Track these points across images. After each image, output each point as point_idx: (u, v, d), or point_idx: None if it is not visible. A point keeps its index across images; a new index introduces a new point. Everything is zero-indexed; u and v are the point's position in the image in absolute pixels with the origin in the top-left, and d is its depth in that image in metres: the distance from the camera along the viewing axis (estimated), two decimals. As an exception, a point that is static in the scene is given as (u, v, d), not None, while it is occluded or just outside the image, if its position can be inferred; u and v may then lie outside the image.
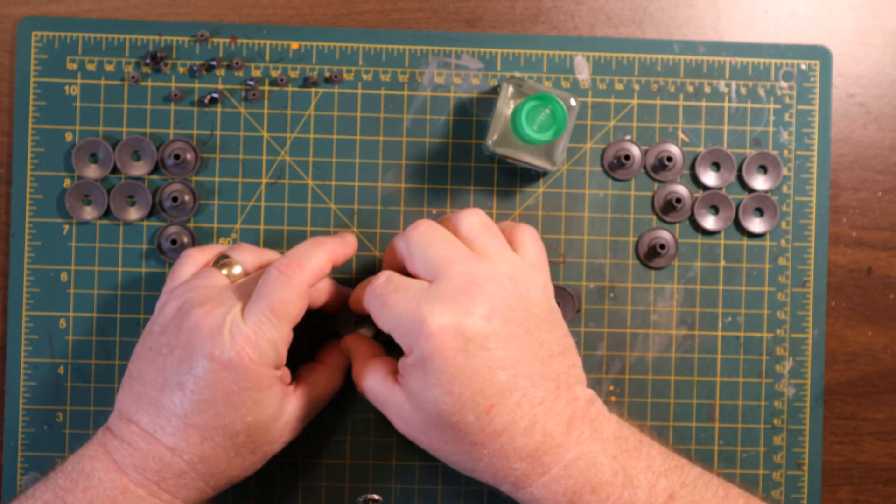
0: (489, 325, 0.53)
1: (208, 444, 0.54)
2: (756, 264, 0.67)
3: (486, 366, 0.53)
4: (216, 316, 0.54)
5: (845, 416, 0.68)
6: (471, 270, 0.55)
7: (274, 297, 0.55)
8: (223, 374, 0.53)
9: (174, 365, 0.54)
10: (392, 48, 0.67)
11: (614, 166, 0.67)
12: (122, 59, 0.66)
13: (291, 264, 0.56)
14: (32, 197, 0.66)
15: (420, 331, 0.53)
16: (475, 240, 0.57)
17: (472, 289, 0.54)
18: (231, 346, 0.53)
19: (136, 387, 0.55)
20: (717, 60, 0.67)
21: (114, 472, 0.54)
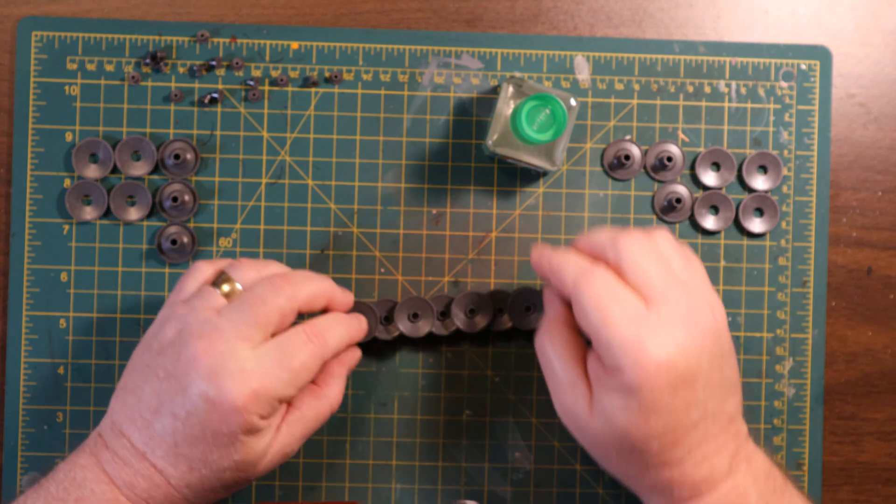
0: (698, 363, 0.53)
1: (195, 474, 0.54)
2: (756, 264, 0.67)
3: (686, 403, 0.53)
4: (215, 355, 0.53)
5: (845, 416, 0.68)
6: (685, 301, 0.54)
7: (298, 358, 0.55)
8: (214, 414, 0.53)
9: (168, 392, 0.54)
10: (392, 48, 0.67)
11: (614, 166, 0.67)
12: (122, 59, 0.66)
13: (319, 336, 0.56)
14: (32, 197, 0.66)
15: (636, 361, 0.52)
16: (671, 261, 0.56)
17: (688, 323, 0.53)
18: (230, 392, 0.53)
19: (130, 400, 0.55)
20: (717, 60, 0.67)
21: (105, 484, 0.54)
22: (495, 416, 0.67)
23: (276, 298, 0.56)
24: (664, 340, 0.52)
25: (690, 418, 0.53)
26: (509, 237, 0.67)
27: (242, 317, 0.55)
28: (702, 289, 0.55)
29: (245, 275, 0.58)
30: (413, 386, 0.66)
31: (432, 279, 0.67)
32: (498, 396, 0.67)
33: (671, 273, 0.54)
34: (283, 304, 0.56)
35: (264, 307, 0.55)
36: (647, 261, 0.54)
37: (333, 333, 0.58)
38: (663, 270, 0.54)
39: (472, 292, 0.65)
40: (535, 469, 0.67)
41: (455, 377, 0.67)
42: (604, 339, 0.53)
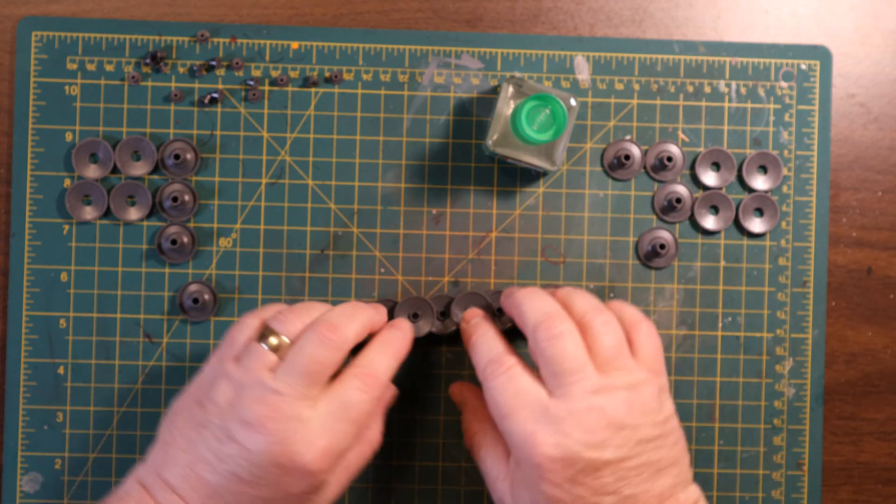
0: (602, 454, 0.53)
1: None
2: (756, 264, 0.67)
3: (594, 492, 0.53)
4: (280, 421, 0.53)
5: (845, 416, 0.68)
6: (591, 389, 0.54)
7: (354, 409, 0.55)
8: (287, 479, 0.53)
9: (233, 456, 0.53)
10: (392, 48, 0.67)
11: (614, 166, 0.67)
12: (122, 59, 0.66)
13: (370, 376, 0.56)
14: (32, 197, 0.66)
15: (531, 455, 0.53)
16: (590, 329, 0.56)
17: (590, 415, 0.53)
18: (302, 457, 0.53)
19: (181, 457, 0.54)
20: (717, 60, 0.67)
21: None
22: (495, 416, 0.67)
23: (327, 353, 0.55)
24: (557, 437, 0.53)
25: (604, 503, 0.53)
26: (509, 237, 0.67)
27: (299, 379, 0.54)
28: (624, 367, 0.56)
29: (290, 327, 0.57)
30: (413, 386, 0.66)
31: (432, 279, 0.67)
32: (498, 396, 0.67)
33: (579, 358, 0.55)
34: (333, 356, 0.55)
35: (318, 366, 0.55)
36: (553, 337, 0.55)
37: (383, 366, 0.57)
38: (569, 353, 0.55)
39: (471, 292, 0.65)
40: (535, 469, 0.67)
41: (455, 377, 0.67)
42: (505, 430, 0.55)
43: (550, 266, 0.67)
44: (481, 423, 0.60)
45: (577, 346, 0.55)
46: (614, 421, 0.53)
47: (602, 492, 0.53)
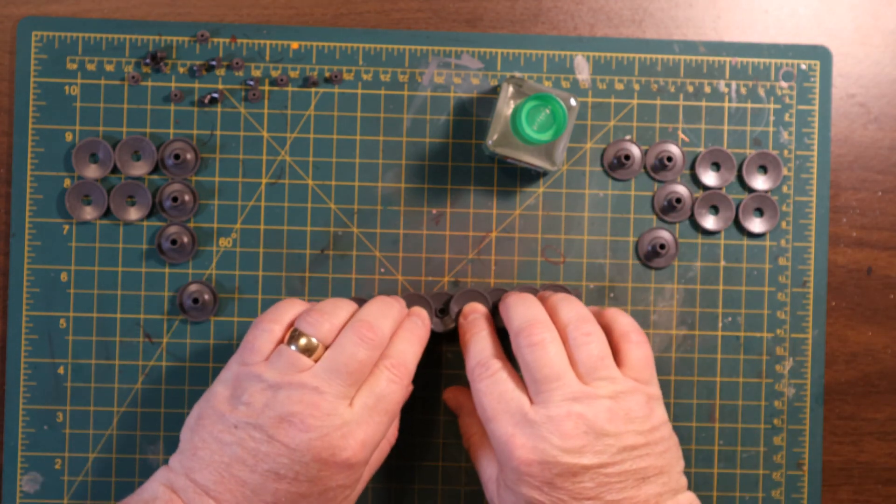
0: (579, 460, 0.54)
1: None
2: (756, 264, 0.67)
3: (573, 496, 0.54)
4: (321, 417, 0.54)
5: (845, 416, 0.68)
6: (570, 396, 0.55)
7: (388, 401, 0.56)
8: (327, 472, 0.54)
9: (271, 455, 0.54)
10: (392, 48, 0.67)
11: (614, 166, 0.67)
12: (122, 59, 0.66)
13: (400, 366, 0.57)
14: (32, 197, 0.66)
15: (509, 459, 0.54)
16: (573, 340, 0.57)
17: (568, 421, 0.54)
18: (342, 451, 0.54)
19: (214, 459, 0.54)
20: (717, 60, 0.67)
21: None
22: (495, 416, 0.67)
23: (367, 352, 0.56)
24: (535, 442, 0.54)
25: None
26: (509, 237, 0.67)
27: (339, 378, 0.55)
28: (607, 377, 0.56)
29: (320, 328, 0.57)
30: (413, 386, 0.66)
31: (432, 279, 0.67)
32: (498, 396, 0.67)
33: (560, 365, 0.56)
34: (373, 355, 0.57)
35: (357, 365, 0.56)
36: (535, 344, 0.57)
37: (410, 355, 0.59)
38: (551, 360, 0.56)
39: (470, 290, 0.65)
40: (535, 469, 0.67)
41: (455, 377, 0.67)
42: (489, 433, 0.56)
43: (550, 266, 0.67)
44: (477, 426, 0.62)
45: (557, 353, 0.56)
46: (594, 428, 0.54)
47: (582, 496, 0.54)
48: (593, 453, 0.54)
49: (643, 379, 0.57)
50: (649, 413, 0.56)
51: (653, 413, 0.57)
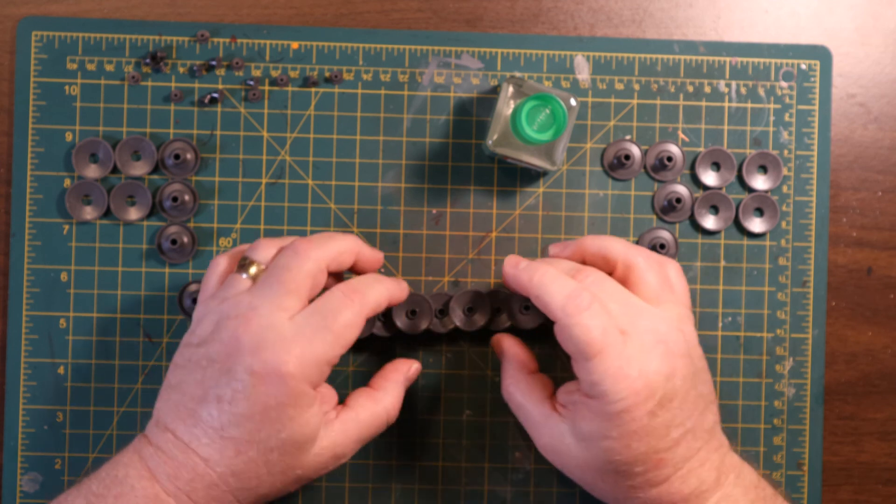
0: (673, 385, 0.55)
1: (242, 458, 0.54)
2: (756, 264, 0.67)
3: (665, 424, 0.54)
4: (255, 329, 0.54)
5: (845, 416, 0.68)
6: (654, 327, 0.55)
7: (338, 317, 0.55)
8: (261, 387, 0.53)
9: (213, 377, 0.54)
10: (392, 48, 0.67)
11: (614, 166, 0.67)
12: (122, 59, 0.66)
13: (356, 292, 0.56)
14: (32, 197, 0.66)
15: (618, 388, 0.54)
16: (636, 268, 0.57)
17: (659, 348, 0.55)
18: (273, 361, 0.53)
19: (174, 396, 0.55)
20: (717, 60, 0.67)
21: (146, 480, 0.54)
22: (495, 416, 0.67)
23: (302, 263, 0.56)
24: (643, 368, 0.54)
25: (671, 437, 0.55)
26: (509, 237, 0.67)
27: (274, 289, 0.55)
28: (664, 313, 0.57)
29: (266, 253, 0.58)
30: (413, 386, 0.66)
31: (432, 279, 0.67)
32: (498, 396, 0.67)
33: (632, 305, 0.56)
34: (310, 267, 0.56)
35: (292, 274, 0.55)
36: (608, 295, 0.56)
37: (372, 290, 0.57)
38: (625, 303, 0.56)
39: (470, 290, 0.65)
40: (535, 469, 0.67)
41: (455, 377, 0.67)
42: (590, 368, 0.54)
43: (550, 266, 0.67)
44: (520, 372, 0.61)
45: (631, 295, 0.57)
46: (677, 350, 0.55)
47: (672, 423, 0.54)
48: (681, 377, 0.55)
49: (688, 305, 0.59)
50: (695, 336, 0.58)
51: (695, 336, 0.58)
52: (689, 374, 0.55)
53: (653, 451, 0.54)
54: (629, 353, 0.54)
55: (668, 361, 0.55)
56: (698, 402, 0.56)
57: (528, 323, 0.64)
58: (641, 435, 0.54)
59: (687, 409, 0.55)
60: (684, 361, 0.55)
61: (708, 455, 0.56)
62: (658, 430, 0.54)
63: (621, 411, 0.54)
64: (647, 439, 0.54)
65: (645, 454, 0.54)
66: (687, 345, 0.56)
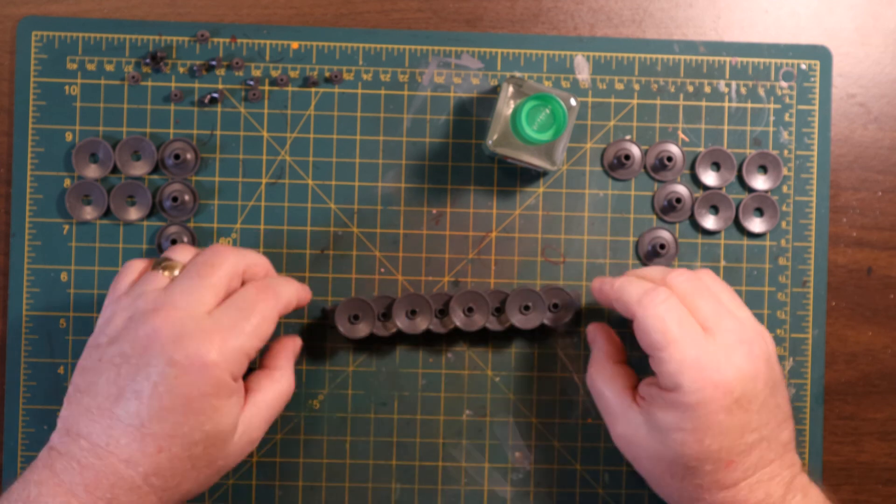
0: (753, 387, 0.55)
1: (165, 454, 0.52)
2: (756, 264, 0.67)
3: (741, 426, 0.55)
4: (174, 320, 0.53)
5: (845, 416, 0.68)
6: (738, 328, 0.56)
7: (254, 311, 0.55)
8: (184, 378, 0.52)
9: (129, 374, 0.52)
10: (392, 48, 0.67)
11: (614, 166, 0.67)
12: (122, 59, 0.66)
13: (269, 288, 0.57)
14: (32, 197, 0.66)
15: (695, 380, 0.54)
16: (720, 295, 0.59)
17: (742, 347, 0.56)
18: (196, 350, 0.52)
19: (84, 400, 0.53)
20: (717, 60, 0.67)
21: (61, 497, 0.51)
22: (495, 416, 0.67)
23: (223, 260, 0.56)
24: (723, 363, 0.54)
25: (745, 441, 0.55)
26: (509, 237, 0.67)
27: (193, 284, 0.55)
28: (751, 320, 0.58)
29: (184, 255, 0.58)
30: (413, 386, 0.66)
31: (432, 279, 0.67)
32: (498, 396, 0.67)
33: (721, 305, 0.58)
34: (230, 267, 0.56)
35: (212, 269, 0.55)
36: (697, 293, 0.57)
37: (283, 287, 0.58)
38: (714, 303, 0.57)
39: (471, 291, 0.65)
40: (535, 469, 0.67)
41: (455, 377, 0.67)
42: (665, 358, 0.55)
43: (550, 266, 0.67)
44: (606, 361, 0.62)
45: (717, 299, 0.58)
46: (760, 354, 0.56)
47: (748, 427, 0.55)
48: (763, 382, 0.55)
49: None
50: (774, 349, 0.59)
51: None
52: (769, 380, 0.56)
53: (725, 450, 0.54)
54: (710, 347, 0.55)
55: (751, 363, 0.55)
56: (776, 413, 0.56)
57: (527, 323, 0.64)
58: (716, 432, 0.54)
59: (765, 416, 0.55)
60: (766, 367, 0.56)
61: (780, 470, 0.56)
62: (733, 431, 0.54)
63: (697, 403, 0.54)
64: (720, 437, 0.54)
65: (717, 452, 0.54)
66: (769, 353, 0.57)
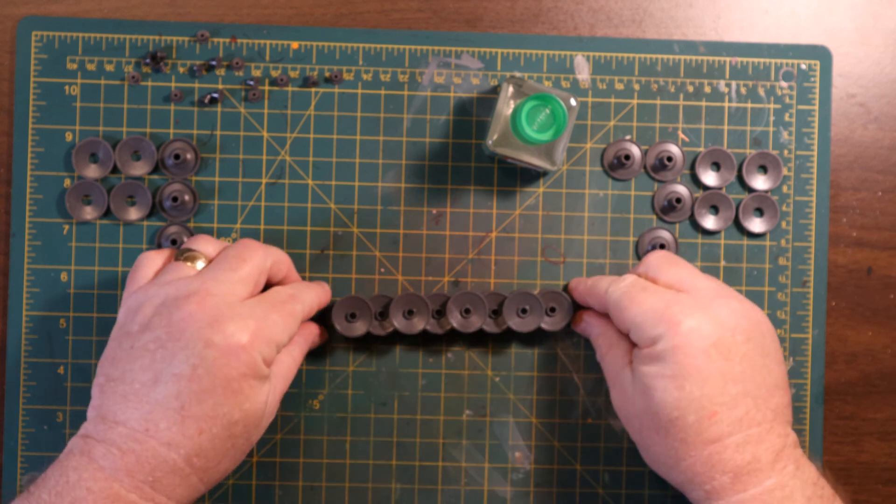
0: (732, 337, 0.56)
1: (206, 435, 0.53)
2: (756, 264, 0.67)
3: (722, 374, 0.55)
4: (210, 305, 0.54)
5: (845, 416, 0.68)
6: (715, 287, 0.59)
7: (285, 307, 0.57)
8: (224, 360, 0.53)
9: (166, 359, 0.53)
10: (392, 48, 0.67)
11: (614, 166, 0.67)
12: (122, 59, 0.66)
13: (296, 294, 0.59)
14: (32, 197, 0.66)
15: (669, 326, 0.56)
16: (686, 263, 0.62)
17: (718, 300, 0.57)
18: (233, 332, 0.53)
19: (119, 388, 0.53)
20: (717, 60, 0.67)
21: (103, 481, 0.52)
22: (495, 416, 0.67)
23: (254, 255, 0.58)
24: (696, 310, 0.56)
25: (728, 392, 0.55)
26: (509, 237, 0.67)
27: (226, 275, 0.56)
28: (729, 289, 0.59)
29: (209, 247, 0.60)
30: (413, 386, 0.66)
31: (432, 279, 0.67)
32: (498, 396, 0.67)
33: (695, 271, 0.61)
34: (258, 261, 0.58)
35: (245, 263, 0.58)
36: (668, 264, 0.61)
37: (306, 294, 0.60)
38: (687, 270, 0.60)
39: (468, 292, 0.65)
40: (535, 469, 0.67)
41: (455, 377, 0.67)
42: (637, 318, 0.57)
43: (550, 266, 0.67)
44: (609, 330, 0.62)
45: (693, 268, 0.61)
46: (739, 313, 0.57)
47: (729, 376, 0.55)
48: (743, 335, 0.56)
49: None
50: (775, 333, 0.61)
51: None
52: (754, 338, 0.56)
53: (707, 398, 0.55)
54: (683, 298, 0.57)
55: (729, 314, 0.56)
56: (765, 375, 0.56)
57: (524, 327, 0.64)
58: (695, 378, 0.55)
59: (748, 370, 0.55)
60: (749, 324, 0.57)
61: (768, 436, 0.55)
62: (713, 377, 0.55)
63: (674, 347, 0.55)
64: (700, 383, 0.55)
65: (699, 399, 0.55)
66: (752, 313, 0.58)
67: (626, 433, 0.66)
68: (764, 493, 0.54)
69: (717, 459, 0.55)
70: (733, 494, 0.55)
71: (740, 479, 0.54)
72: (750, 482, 0.54)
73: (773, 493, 0.54)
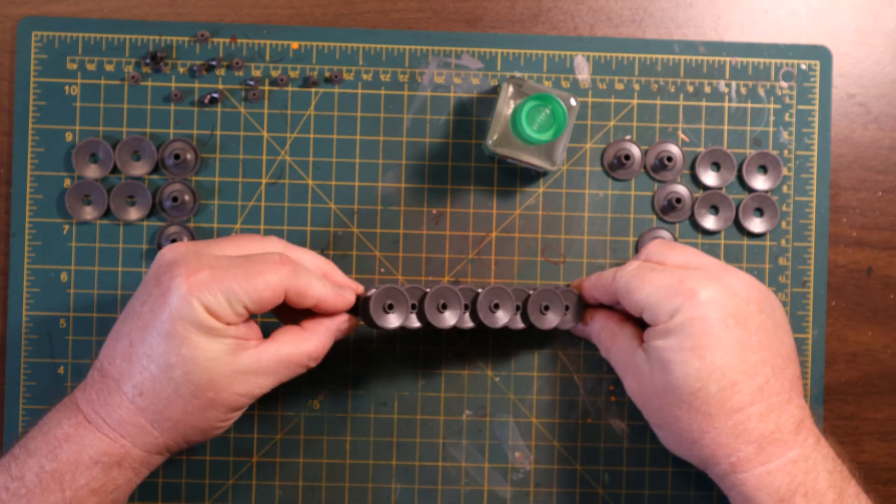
0: (748, 307, 0.56)
1: (147, 374, 0.54)
2: (756, 264, 0.67)
3: (741, 343, 0.55)
4: (179, 248, 0.55)
5: (845, 416, 0.68)
6: (721, 263, 0.60)
7: (261, 274, 0.54)
8: (162, 299, 0.54)
9: (136, 297, 0.56)
10: (392, 48, 0.67)
11: (614, 166, 0.67)
12: (122, 59, 0.66)
13: (291, 263, 0.56)
14: (32, 197, 0.66)
15: (687, 298, 0.56)
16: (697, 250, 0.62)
17: (729, 272, 0.57)
18: (178, 270, 0.54)
19: (109, 341, 0.57)
20: (717, 60, 0.67)
21: (73, 417, 0.55)
22: (495, 416, 0.67)
23: (251, 237, 0.59)
24: (708, 283, 0.56)
25: (748, 360, 0.55)
26: (509, 237, 0.67)
27: (220, 241, 0.58)
28: (733, 267, 0.60)
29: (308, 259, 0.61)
30: (413, 386, 0.66)
31: (432, 279, 0.67)
32: (498, 396, 0.67)
33: (700, 251, 0.61)
34: (258, 244, 0.58)
35: (241, 239, 0.58)
36: (670, 249, 0.61)
37: (309, 276, 0.57)
38: (691, 251, 0.61)
39: (496, 287, 0.61)
40: (535, 469, 0.67)
41: (455, 377, 0.67)
42: (651, 296, 0.57)
43: (550, 266, 0.67)
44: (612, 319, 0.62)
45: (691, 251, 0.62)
46: (749, 286, 0.57)
47: (747, 345, 0.55)
48: (756, 305, 0.57)
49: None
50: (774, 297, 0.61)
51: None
52: (766, 310, 0.57)
53: (728, 367, 0.54)
54: (694, 273, 0.57)
55: (742, 285, 0.57)
56: (779, 346, 0.56)
57: (546, 324, 0.62)
58: (716, 346, 0.55)
59: (764, 339, 0.56)
60: (760, 295, 0.57)
61: (788, 406, 0.56)
62: (733, 345, 0.55)
63: (692, 318, 0.55)
64: (721, 351, 0.55)
65: (720, 369, 0.54)
66: (763, 289, 0.58)
67: (626, 433, 0.66)
68: (788, 464, 0.54)
69: (742, 429, 0.55)
70: (758, 465, 0.55)
71: (765, 450, 0.54)
72: (774, 453, 0.54)
73: (798, 464, 0.54)
